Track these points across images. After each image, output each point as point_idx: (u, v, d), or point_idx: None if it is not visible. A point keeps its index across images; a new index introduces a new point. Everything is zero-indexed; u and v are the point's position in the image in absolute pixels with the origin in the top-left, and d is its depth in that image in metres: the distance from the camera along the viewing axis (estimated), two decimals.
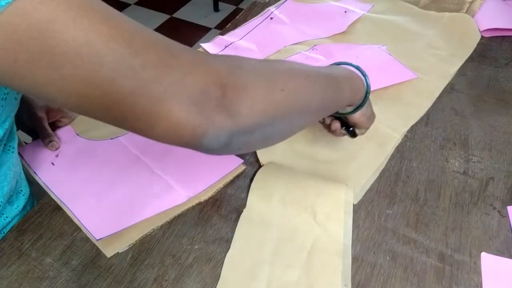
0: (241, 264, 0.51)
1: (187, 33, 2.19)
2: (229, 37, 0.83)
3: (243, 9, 1.09)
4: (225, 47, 0.80)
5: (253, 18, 0.88)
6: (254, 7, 0.95)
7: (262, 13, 0.90)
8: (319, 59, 0.79)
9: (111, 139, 0.64)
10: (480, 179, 0.60)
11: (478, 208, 0.57)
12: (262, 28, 0.86)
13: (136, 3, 2.39)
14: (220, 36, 0.83)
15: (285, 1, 0.93)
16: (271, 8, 0.91)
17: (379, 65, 0.78)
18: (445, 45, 0.83)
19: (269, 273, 0.49)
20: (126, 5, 2.36)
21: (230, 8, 2.37)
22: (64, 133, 0.65)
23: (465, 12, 0.91)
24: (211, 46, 0.81)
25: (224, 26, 0.91)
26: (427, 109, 0.71)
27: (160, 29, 2.17)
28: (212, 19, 2.27)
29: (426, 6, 0.93)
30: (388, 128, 0.67)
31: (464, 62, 0.80)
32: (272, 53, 0.80)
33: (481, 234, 0.54)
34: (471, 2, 0.92)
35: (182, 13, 2.33)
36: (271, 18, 0.88)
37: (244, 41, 0.82)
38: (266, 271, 0.50)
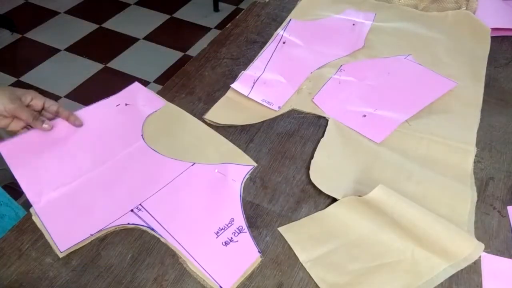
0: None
1: (187, 33, 2.18)
2: (252, 71, 0.77)
3: (243, 9, 1.09)
4: (254, 83, 0.75)
5: (266, 46, 0.83)
6: (254, 7, 0.95)
7: (272, 39, 0.85)
8: (351, 82, 0.75)
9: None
10: (480, 179, 0.60)
11: (478, 208, 0.57)
12: (278, 54, 0.81)
13: (136, 3, 2.38)
14: (244, 72, 0.77)
15: (289, 22, 0.89)
16: (280, 32, 0.86)
17: (415, 79, 0.74)
18: (462, 46, 0.82)
19: None
20: (126, 5, 2.36)
21: (230, 8, 2.37)
22: None
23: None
24: (240, 85, 0.74)
25: (224, 26, 0.91)
26: (479, 113, 0.69)
27: (160, 29, 2.17)
28: (212, 19, 2.27)
29: (426, 8, 0.93)
30: (459, 143, 0.64)
31: None
32: (302, 83, 0.76)
33: (481, 234, 0.54)
34: (468, 2, 0.92)
35: (182, 13, 2.33)
36: (284, 43, 0.84)
37: (269, 73, 0.77)
38: None
